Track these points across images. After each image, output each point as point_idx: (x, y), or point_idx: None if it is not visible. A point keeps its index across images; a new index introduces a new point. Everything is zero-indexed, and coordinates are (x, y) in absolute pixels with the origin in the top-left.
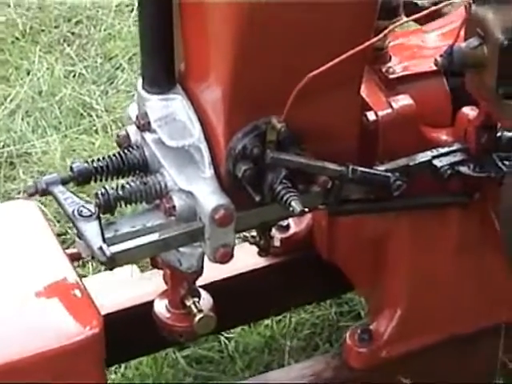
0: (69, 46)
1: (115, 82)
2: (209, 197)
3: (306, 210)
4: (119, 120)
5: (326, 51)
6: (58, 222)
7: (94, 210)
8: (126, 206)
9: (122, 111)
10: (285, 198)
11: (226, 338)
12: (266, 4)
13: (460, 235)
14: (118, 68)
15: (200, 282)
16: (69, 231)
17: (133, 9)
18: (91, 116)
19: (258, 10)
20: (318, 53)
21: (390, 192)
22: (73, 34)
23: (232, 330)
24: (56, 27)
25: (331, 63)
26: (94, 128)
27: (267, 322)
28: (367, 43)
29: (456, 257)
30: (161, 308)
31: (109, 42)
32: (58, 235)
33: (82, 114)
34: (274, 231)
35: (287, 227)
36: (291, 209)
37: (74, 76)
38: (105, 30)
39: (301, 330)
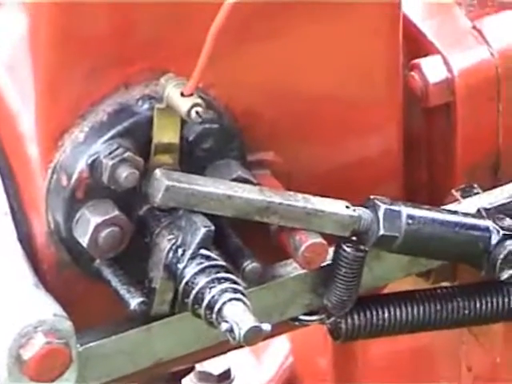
0: None
1: None
2: (5, 305)
3: (268, 327)
4: None
5: None
6: None
7: None
8: None
9: None
10: (208, 300)
11: None
12: None
13: None
14: None
15: None
16: None
17: None
18: None
19: None
20: None
21: (494, 272)
22: None
23: None
24: None
25: None
26: None
27: None
28: None
29: None
30: None
31: None
32: None
33: None
34: None
35: (224, 377)
36: (225, 327)
37: None
38: None
39: None
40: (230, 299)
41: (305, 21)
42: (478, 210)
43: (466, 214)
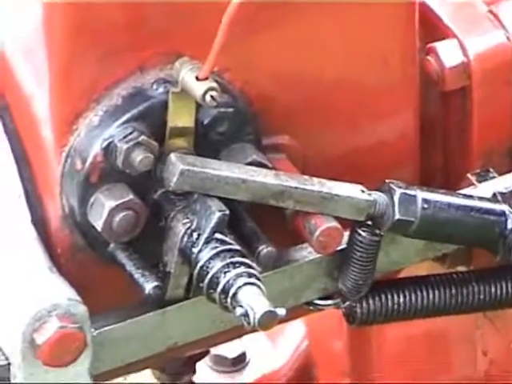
0: None
1: None
2: (19, 289)
3: (282, 312)
4: None
5: None
6: None
7: None
8: None
9: None
10: (223, 284)
11: None
12: None
13: None
14: None
15: None
16: None
17: None
18: None
19: None
20: None
21: (510, 256)
22: None
23: None
24: None
25: None
26: None
27: None
28: None
29: None
30: None
31: None
32: None
33: None
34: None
35: (239, 360)
36: (240, 311)
37: None
38: None
39: None
40: (245, 284)
41: (320, 6)
42: (494, 195)
43: (481, 199)
